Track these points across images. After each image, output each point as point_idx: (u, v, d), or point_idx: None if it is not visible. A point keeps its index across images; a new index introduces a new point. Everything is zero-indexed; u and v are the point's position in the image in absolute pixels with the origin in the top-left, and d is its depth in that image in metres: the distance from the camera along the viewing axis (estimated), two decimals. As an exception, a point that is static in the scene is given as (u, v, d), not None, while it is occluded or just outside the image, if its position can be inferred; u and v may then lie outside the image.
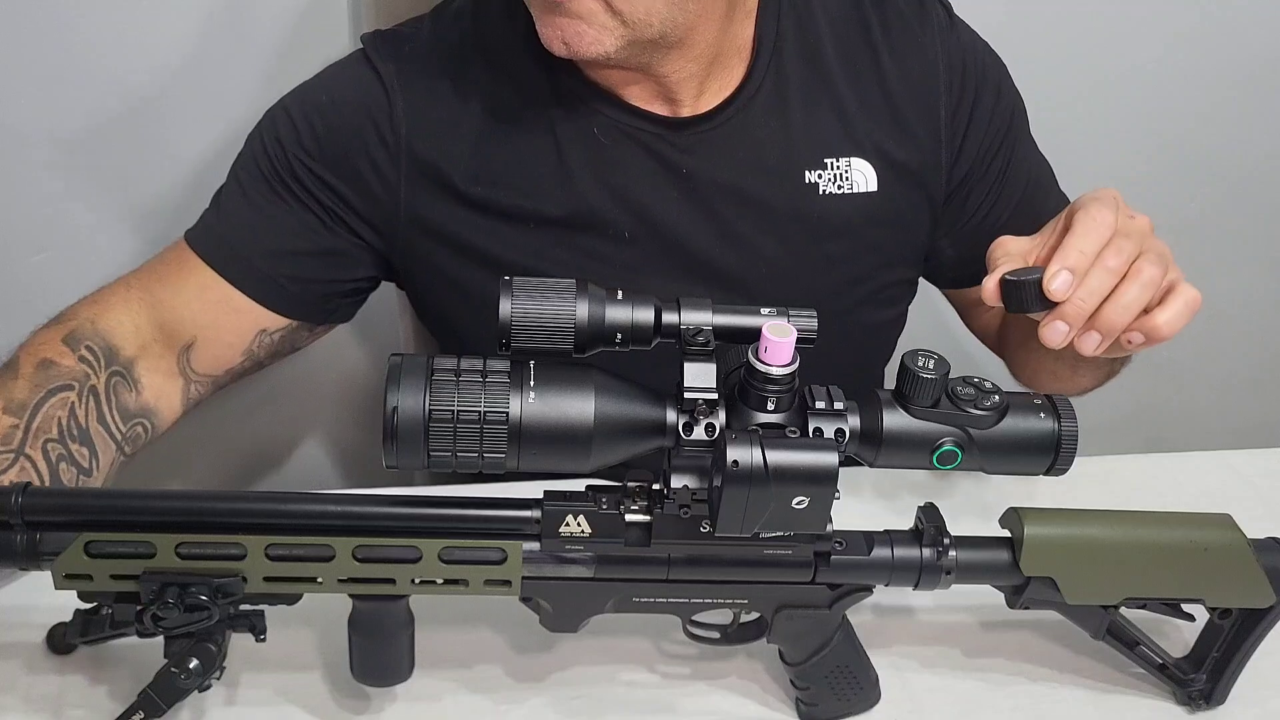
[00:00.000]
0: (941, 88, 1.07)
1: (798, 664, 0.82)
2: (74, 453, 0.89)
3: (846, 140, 1.05)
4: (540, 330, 0.67)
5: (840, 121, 1.05)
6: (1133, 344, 0.87)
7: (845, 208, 1.06)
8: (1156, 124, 1.58)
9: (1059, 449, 0.73)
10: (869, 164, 1.06)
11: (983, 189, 1.11)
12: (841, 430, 0.70)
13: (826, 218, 1.06)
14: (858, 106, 1.05)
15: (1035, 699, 0.87)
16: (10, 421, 0.87)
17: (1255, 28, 1.52)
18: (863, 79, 1.06)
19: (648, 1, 0.91)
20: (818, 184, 1.05)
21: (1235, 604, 0.83)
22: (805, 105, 1.05)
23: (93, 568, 0.72)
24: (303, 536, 0.72)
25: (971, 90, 1.08)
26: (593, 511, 0.74)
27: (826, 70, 1.05)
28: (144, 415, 0.99)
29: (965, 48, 1.09)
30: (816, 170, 1.05)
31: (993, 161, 1.11)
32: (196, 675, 0.74)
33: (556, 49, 0.93)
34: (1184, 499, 0.93)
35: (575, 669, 0.86)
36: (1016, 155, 1.13)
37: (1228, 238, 1.69)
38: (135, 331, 1.00)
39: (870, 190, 1.06)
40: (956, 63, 1.08)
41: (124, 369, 0.97)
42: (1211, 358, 1.79)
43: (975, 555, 0.80)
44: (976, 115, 1.09)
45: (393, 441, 0.66)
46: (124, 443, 0.96)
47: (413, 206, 1.03)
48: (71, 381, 0.92)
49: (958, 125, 1.08)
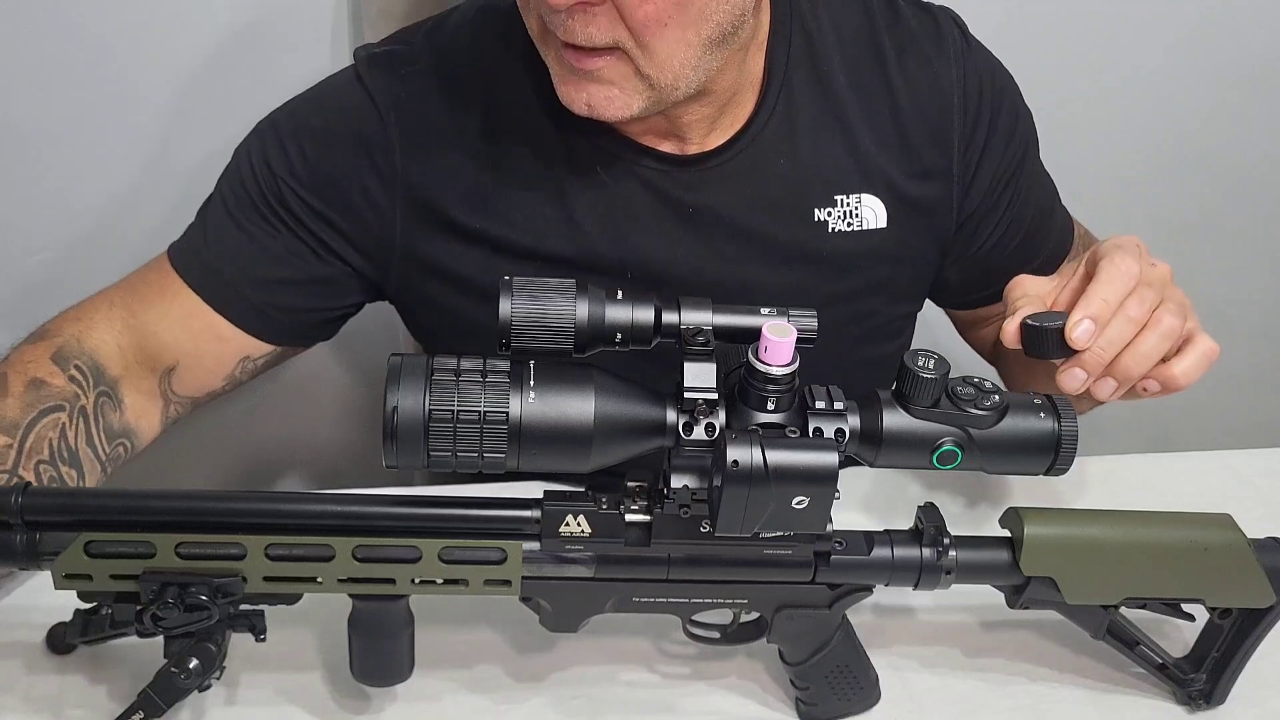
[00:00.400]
0: (955, 118, 1.04)
1: (798, 664, 0.82)
2: (63, 474, 0.89)
3: (857, 175, 1.02)
4: (540, 330, 0.67)
5: (851, 155, 1.02)
6: (1148, 391, 0.87)
7: (854, 246, 1.03)
8: (1157, 124, 1.58)
9: (1059, 449, 0.73)
10: (879, 200, 1.03)
11: (993, 218, 1.09)
12: (841, 430, 0.70)
13: (835, 257, 1.03)
14: (869, 138, 1.02)
15: (1035, 699, 0.87)
16: (4, 440, 0.86)
17: (1256, 28, 1.52)
18: (875, 107, 1.02)
19: (677, 68, 0.88)
20: (827, 222, 1.02)
21: (1235, 604, 0.83)
22: (815, 137, 1.01)
23: (93, 568, 0.71)
24: (303, 536, 0.72)
25: (986, 120, 1.05)
26: (593, 511, 0.74)
27: (837, 98, 1.02)
28: (126, 435, 0.98)
29: (982, 74, 1.06)
30: (827, 208, 1.02)
31: (1004, 191, 1.08)
32: (196, 675, 0.74)
33: (579, 109, 0.90)
34: (1184, 499, 0.93)
35: (575, 669, 0.86)
36: (1027, 184, 1.10)
37: (1228, 238, 1.69)
38: (119, 352, 0.99)
39: (880, 227, 1.03)
40: (973, 90, 1.05)
41: (110, 389, 0.96)
42: (1211, 358, 1.79)
43: (975, 555, 0.80)
44: (991, 145, 1.06)
45: (393, 441, 0.66)
46: (106, 463, 0.95)
47: (408, 237, 1.00)
48: (62, 402, 0.91)
49: (970, 157, 1.05)
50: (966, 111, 1.04)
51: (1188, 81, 1.55)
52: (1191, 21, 1.50)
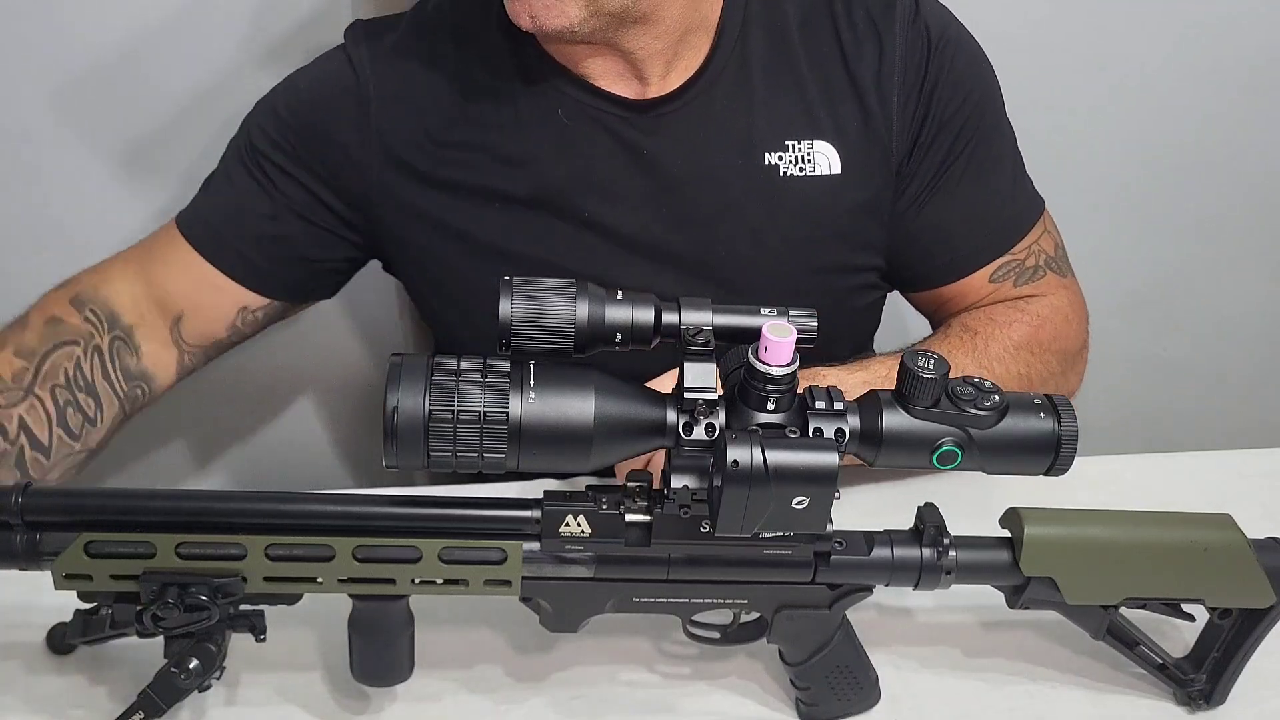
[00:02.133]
0: (897, 77, 1.06)
1: (798, 664, 0.82)
2: (81, 401, 0.98)
3: (809, 123, 1.05)
4: (540, 330, 0.67)
5: (803, 104, 1.05)
6: None
7: (807, 190, 1.05)
8: (1158, 125, 1.58)
9: (1059, 449, 0.72)
10: (832, 147, 1.05)
11: (920, 183, 1.09)
12: (841, 430, 0.70)
13: (786, 200, 1.05)
14: (822, 89, 1.05)
15: (1035, 699, 0.87)
16: (21, 364, 0.97)
17: (1257, 29, 1.52)
18: (828, 63, 1.05)
19: None
20: (778, 165, 1.05)
21: (1235, 604, 0.83)
22: (768, 86, 1.05)
23: (93, 568, 0.72)
24: (303, 536, 0.72)
25: (930, 83, 1.06)
26: (593, 511, 0.74)
27: (792, 53, 1.05)
28: (143, 379, 1.06)
29: (936, 45, 1.06)
30: (777, 152, 1.05)
31: (947, 158, 1.08)
32: (196, 675, 0.74)
33: (524, 23, 0.94)
34: (1184, 499, 0.93)
35: (575, 669, 0.86)
36: (977, 152, 1.09)
37: (1229, 238, 1.69)
38: (134, 302, 1.07)
39: (833, 173, 1.05)
40: (918, 53, 1.06)
41: (125, 335, 1.05)
42: (1211, 358, 1.79)
43: (975, 555, 0.80)
44: (927, 107, 1.06)
45: (393, 441, 0.66)
46: (125, 400, 1.04)
47: (386, 187, 1.06)
48: (77, 338, 1.01)
49: (911, 116, 1.06)
50: (905, 77, 1.06)
51: (1188, 84, 1.55)
52: (1193, 23, 1.50)
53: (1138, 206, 1.64)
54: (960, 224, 1.11)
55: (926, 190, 1.09)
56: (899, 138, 1.07)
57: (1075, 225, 1.25)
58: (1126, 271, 1.68)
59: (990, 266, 1.12)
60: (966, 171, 1.09)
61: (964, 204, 1.10)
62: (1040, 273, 1.13)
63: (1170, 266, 1.70)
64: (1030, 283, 1.12)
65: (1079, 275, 1.22)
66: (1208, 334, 1.78)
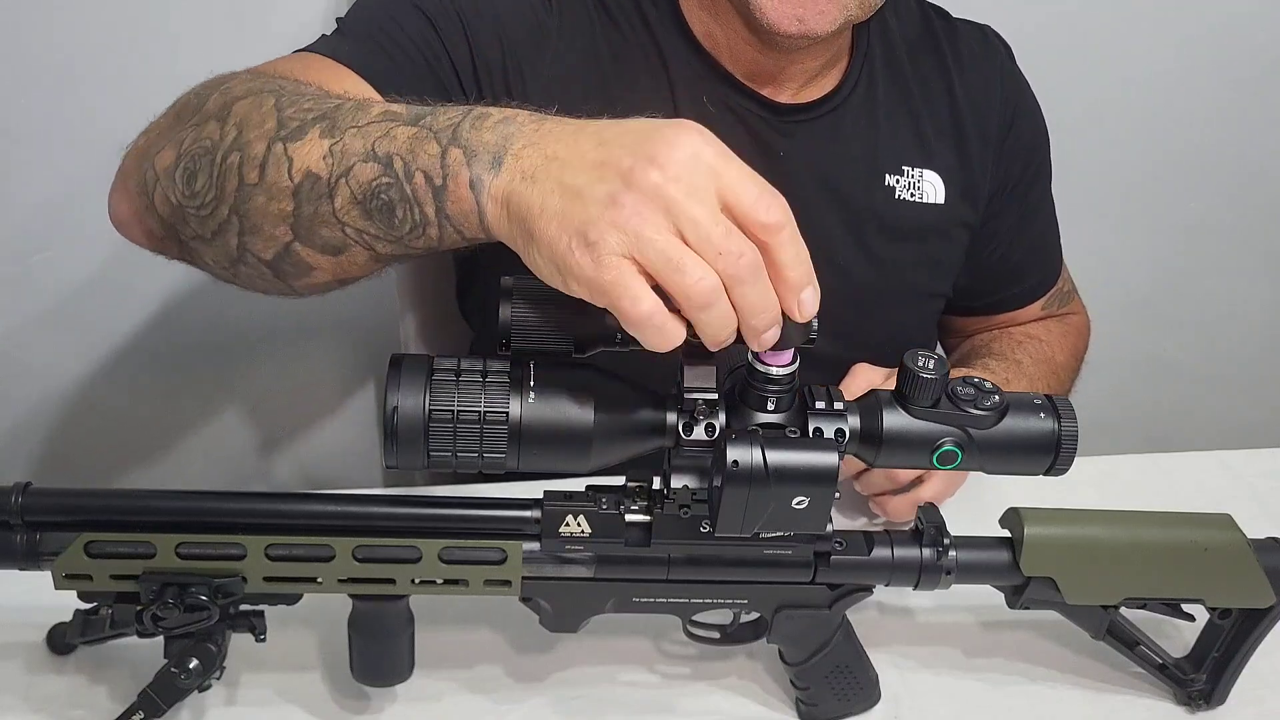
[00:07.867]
0: (995, 120, 1.12)
1: (798, 664, 0.82)
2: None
3: (921, 152, 1.10)
4: (540, 330, 0.67)
5: (915, 134, 1.10)
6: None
7: (916, 215, 1.10)
8: (1159, 126, 1.58)
9: (1059, 449, 0.72)
10: (939, 177, 1.11)
11: (997, 227, 1.16)
12: (841, 430, 0.70)
13: (898, 222, 1.10)
14: (930, 124, 1.10)
15: (1034, 699, 0.87)
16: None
17: (1257, 30, 1.52)
18: (935, 99, 1.11)
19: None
20: (894, 188, 1.09)
21: (1235, 604, 0.83)
22: (888, 113, 1.09)
23: (93, 568, 0.72)
24: (303, 536, 0.72)
25: (1015, 133, 1.14)
26: (593, 511, 0.74)
27: (905, 85, 1.10)
28: None
29: (1023, 91, 1.15)
30: (895, 175, 1.09)
31: (1015, 204, 1.16)
32: (196, 675, 0.74)
33: (787, 27, 0.94)
34: (1183, 499, 0.93)
35: (575, 669, 0.86)
36: (1035, 204, 1.18)
37: (1229, 238, 1.69)
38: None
39: (938, 203, 1.11)
40: (1010, 102, 1.13)
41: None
42: (1211, 358, 1.79)
43: (975, 555, 0.80)
44: (1014, 157, 1.14)
45: (393, 441, 0.66)
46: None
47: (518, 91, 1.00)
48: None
49: (1000, 161, 1.13)
50: (1003, 118, 1.13)
51: (1189, 84, 1.55)
52: (1194, 24, 1.50)
53: (1138, 207, 1.64)
54: (1029, 256, 1.20)
55: (1011, 230, 1.17)
56: (992, 178, 1.13)
57: (1076, 225, 1.26)
58: (1126, 271, 1.68)
59: (1047, 295, 1.22)
60: (1038, 210, 1.19)
61: (1032, 239, 1.20)
62: (1071, 296, 1.26)
63: (1170, 266, 1.71)
64: (1067, 305, 1.25)
65: (1079, 275, 1.23)
66: (1208, 334, 1.78)
